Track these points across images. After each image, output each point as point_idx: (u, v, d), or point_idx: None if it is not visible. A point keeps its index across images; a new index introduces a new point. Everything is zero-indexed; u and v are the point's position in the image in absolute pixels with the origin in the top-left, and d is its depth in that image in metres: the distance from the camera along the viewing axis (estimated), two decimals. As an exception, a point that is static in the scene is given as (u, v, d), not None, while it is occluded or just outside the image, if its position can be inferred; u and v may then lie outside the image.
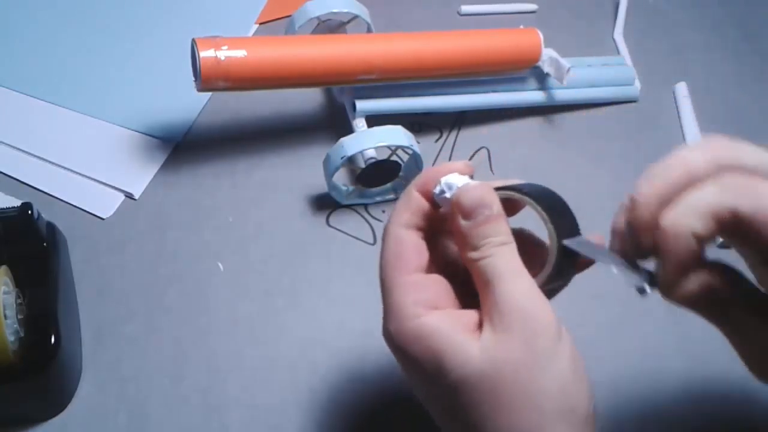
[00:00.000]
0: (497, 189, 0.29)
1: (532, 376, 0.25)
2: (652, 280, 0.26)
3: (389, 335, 0.28)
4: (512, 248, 0.28)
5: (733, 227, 0.24)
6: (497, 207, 0.28)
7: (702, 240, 0.24)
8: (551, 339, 0.26)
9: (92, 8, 0.60)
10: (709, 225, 0.24)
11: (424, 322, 0.27)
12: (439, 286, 0.29)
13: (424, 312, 0.27)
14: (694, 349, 0.44)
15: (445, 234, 0.32)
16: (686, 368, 0.44)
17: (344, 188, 0.49)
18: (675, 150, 0.26)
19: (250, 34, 0.61)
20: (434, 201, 0.30)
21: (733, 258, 0.27)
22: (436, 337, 0.27)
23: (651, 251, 0.26)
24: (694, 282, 0.25)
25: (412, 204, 0.30)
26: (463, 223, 0.28)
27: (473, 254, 0.27)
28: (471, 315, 0.28)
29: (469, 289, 0.29)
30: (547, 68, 0.54)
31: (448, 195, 0.29)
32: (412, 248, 0.29)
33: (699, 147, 0.25)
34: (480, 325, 0.27)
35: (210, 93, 0.55)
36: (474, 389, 0.26)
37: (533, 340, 0.26)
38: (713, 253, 0.26)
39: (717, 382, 0.43)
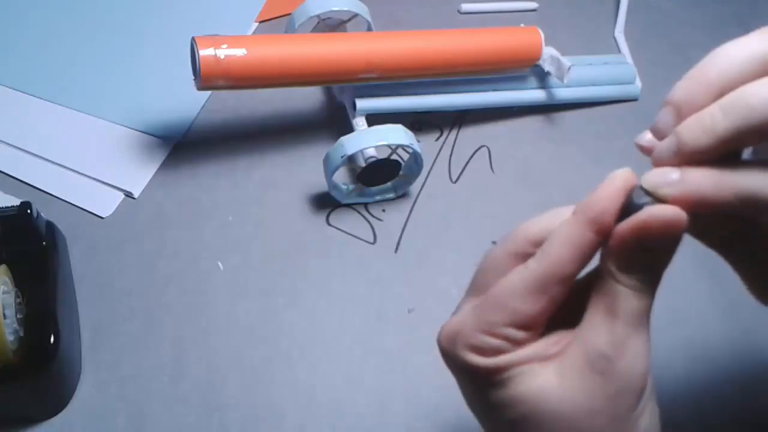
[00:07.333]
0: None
1: None
2: None
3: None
4: (654, 292, 0.24)
5: None
6: None
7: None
8: (635, 408, 0.24)
9: (92, 6, 0.60)
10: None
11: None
12: None
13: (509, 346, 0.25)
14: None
15: None
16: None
17: (344, 187, 0.49)
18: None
19: (250, 32, 0.61)
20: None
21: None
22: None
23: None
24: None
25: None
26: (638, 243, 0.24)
27: (623, 277, 0.24)
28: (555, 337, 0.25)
29: None
30: (547, 67, 0.54)
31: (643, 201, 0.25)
32: None
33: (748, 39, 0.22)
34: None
35: (210, 92, 0.54)
36: (546, 424, 0.24)
37: (623, 401, 0.24)
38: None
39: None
